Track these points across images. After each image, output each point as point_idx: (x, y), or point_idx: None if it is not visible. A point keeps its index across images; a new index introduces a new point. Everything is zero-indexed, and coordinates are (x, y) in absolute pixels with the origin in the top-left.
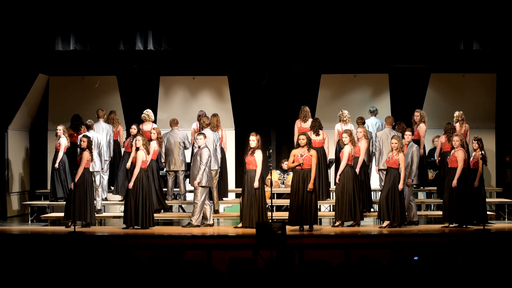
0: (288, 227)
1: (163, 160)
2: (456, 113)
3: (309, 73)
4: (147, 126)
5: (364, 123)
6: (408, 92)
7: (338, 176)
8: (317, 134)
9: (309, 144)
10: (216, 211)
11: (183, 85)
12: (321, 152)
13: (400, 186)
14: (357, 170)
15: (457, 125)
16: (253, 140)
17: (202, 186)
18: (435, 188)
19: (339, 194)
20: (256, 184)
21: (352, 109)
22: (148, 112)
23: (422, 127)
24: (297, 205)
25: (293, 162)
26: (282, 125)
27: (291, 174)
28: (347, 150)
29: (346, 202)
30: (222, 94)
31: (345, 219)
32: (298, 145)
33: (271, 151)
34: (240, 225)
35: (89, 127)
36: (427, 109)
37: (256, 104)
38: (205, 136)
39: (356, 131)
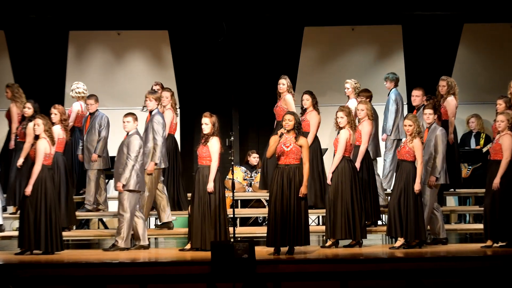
0: (259, 249)
1: (79, 153)
2: None
3: (287, 26)
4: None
5: (371, 98)
6: (430, 51)
7: (330, 175)
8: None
9: (298, 128)
10: (166, 226)
11: (103, 44)
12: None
13: (417, 187)
14: (357, 164)
15: None
16: (207, 123)
17: (129, 191)
18: (473, 190)
19: (332, 200)
20: (210, 186)
21: (349, 77)
22: (79, 87)
23: (451, 102)
24: (280, 217)
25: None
26: (247, 102)
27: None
28: (343, 137)
29: (341, 212)
30: (161, 57)
31: (340, 237)
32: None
33: (232, 139)
34: (188, 246)
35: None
36: (458, 75)
37: (211, 72)
38: (135, 119)
39: (356, 109)
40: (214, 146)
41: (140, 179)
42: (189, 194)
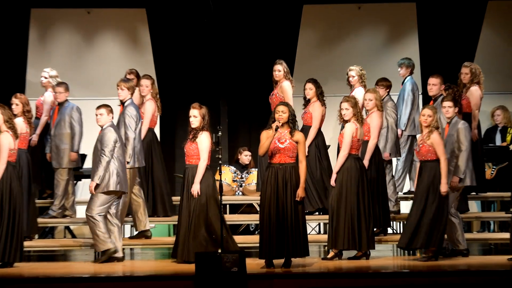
0: (251, 262)
1: (47, 151)
2: None
3: (283, 4)
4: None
5: (390, 88)
6: (448, 33)
7: (334, 175)
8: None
9: (292, 121)
10: (144, 235)
11: (70, 24)
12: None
13: (443, 188)
14: (366, 162)
15: None
16: (195, 115)
17: (104, 193)
18: (498, 194)
19: (335, 205)
20: (195, 188)
21: (354, 63)
22: (57, 74)
23: (474, 93)
24: (275, 224)
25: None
26: (237, 92)
27: (254, 173)
28: (349, 131)
29: (345, 219)
30: (138, 39)
31: (343, 247)
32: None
33: (220, 134)
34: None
35: None
36: (481, 61)
37: (195, 57)
38: (110, 111)
39: (364, 99)
40: (204, 142)
41: (122, 178)
42: (174, 198)
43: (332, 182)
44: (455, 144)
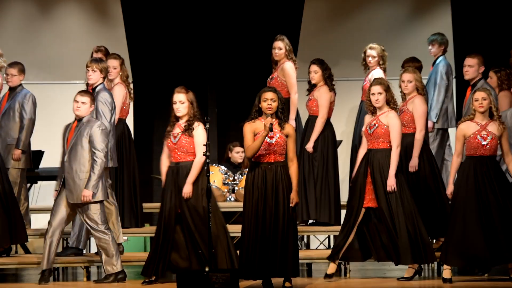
0: (245, 284)
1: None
2: None
3: None
4: None
5: (420, 68)
6: (488, 2)
7: (393, 179)
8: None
9: (281, 111)
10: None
11: None
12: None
13: None
14: (415, 160)
15: None
16: (182, 100)
17: (96, 202)
18: None
19: (401, 212)
20: (187, 189)
21: (372, 40)
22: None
23: None
24: (263, 237)
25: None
26: (228, 78)
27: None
28: (397, 120)
29: (403, 230)
30: (107, 10)
31: (412, 262)
32: (257, 114)
33: (208, 126)
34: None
35: None
36: None
37: (177, 33)
38: (92, 101)
39: (402, 80)
40: (199, 135)
41: (105, 184)
42: (148, 205)
43: (391, 187)
44: None
